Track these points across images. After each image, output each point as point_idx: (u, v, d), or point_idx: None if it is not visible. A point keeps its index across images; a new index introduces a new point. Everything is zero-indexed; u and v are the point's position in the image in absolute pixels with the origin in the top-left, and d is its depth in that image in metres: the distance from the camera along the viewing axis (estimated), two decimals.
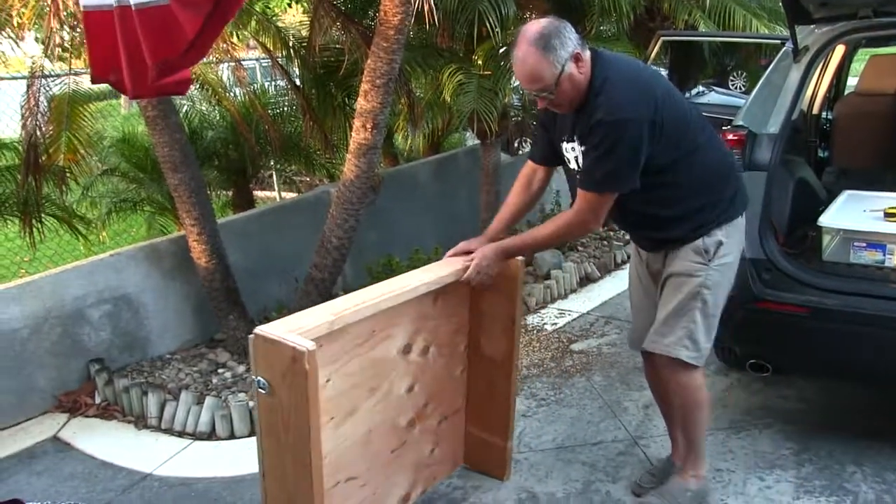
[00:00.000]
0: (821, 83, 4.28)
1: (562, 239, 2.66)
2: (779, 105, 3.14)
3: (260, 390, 2.19)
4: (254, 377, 2.21)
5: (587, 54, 2.37)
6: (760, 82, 3.31)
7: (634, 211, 2.57)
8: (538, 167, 2.76)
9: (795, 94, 3.15)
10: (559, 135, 2.57)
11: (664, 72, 6.65)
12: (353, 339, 2.42)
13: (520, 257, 2.74)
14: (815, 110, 4.38)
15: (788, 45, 3.25)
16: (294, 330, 2.13)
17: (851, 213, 3.20)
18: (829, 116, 4.48)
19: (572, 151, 2.52)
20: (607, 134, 2.32)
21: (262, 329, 2.16)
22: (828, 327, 2.86)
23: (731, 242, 2.56)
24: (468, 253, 2.72)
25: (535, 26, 2.33)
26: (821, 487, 2.88)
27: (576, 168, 2.56)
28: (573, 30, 2.35)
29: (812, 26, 3.30)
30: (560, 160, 2.65)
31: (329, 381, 2.36)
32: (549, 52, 2.29)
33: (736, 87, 11.30)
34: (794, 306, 2.90)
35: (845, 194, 3.42)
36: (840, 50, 4.22)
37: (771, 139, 3.05)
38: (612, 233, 6.19)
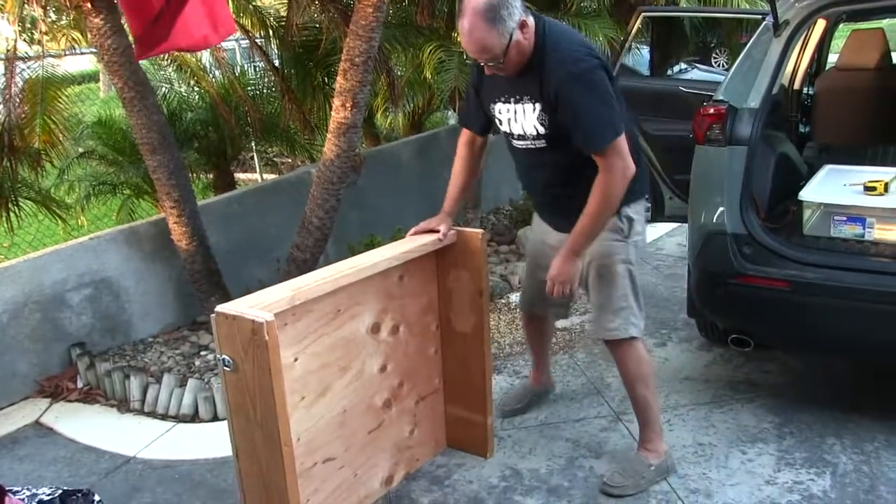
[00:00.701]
0: (802, 58, 4.28)
1: (611, 202, 2.48)
2: (759, 79, 3.12)
3: (225, 368, 2.21)
4: (218, 356, 2.22)
5: (531, 20, 2.42)
6: (741, 56, 3.29)
7: (551, 190, 2.67)
8: (476, 136, 2.84)
9: (776, 69, 3.14)
10: (491, 96, 2.62)
11: (645, 49, 6.62)
12: (318, 317, 2.43)
13: (479, 229, 2.83)
14: (796, 85, 4.39)
15: (769, 19, 3.24)
16: (254, 305, 2.16)
17: (832, 187, 3.20)
18: (810, 92, 4.49)
19: (507, 112, 2.58)
20: (581, 84, 2.37)
21: (222, 307, 2.19)
22: (808, 301, 2.88)
23: (639, 220, 2.69)
24: (430, 231, 2.74)
25: None
26: (801, 459, 2.91)
27: (508, 130, 2.63)
28: None
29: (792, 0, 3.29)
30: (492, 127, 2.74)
31: (297, 360, 2.37)
32: (497, 24, 2.31)
33: (718, 65, 11.29)
34: (774, 280, 2.91)
35: (826, 169, 3.43)
36: (821, 24, 4.22)
37: (751, 114, 3.04)
38: None
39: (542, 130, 2.52)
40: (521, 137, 2.60)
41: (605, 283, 2.68)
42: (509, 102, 2.57)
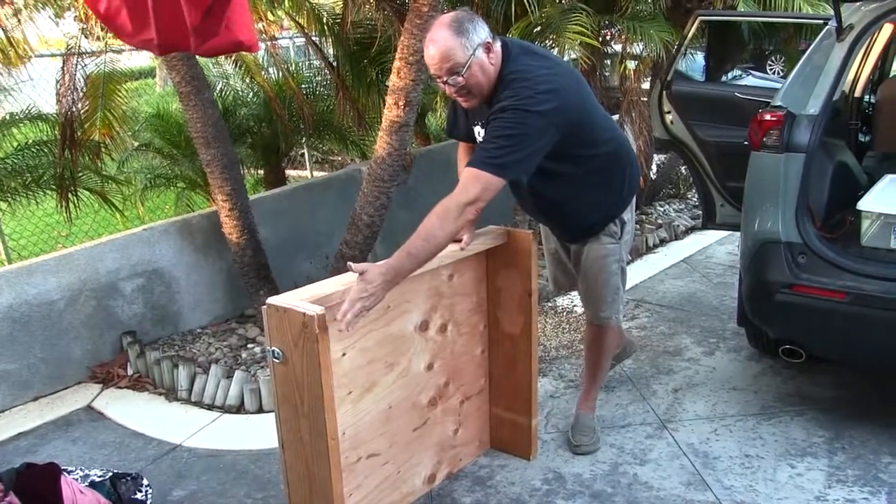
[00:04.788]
0: (865, 64, 4.15)
1: (444, 229, 2.40)
2: (819, 85, 3.05)
3: (274, 360, 2.24)
4: (268, 348, 2.24)
5: (498, 46, 2.47)
6: (801, 62, 3.22)
7: (538, 199, 2.84)
8: (471, 144, 2.87)
9: (837, 75, 3.06)
10: (473, 118, 2.71)
11: (700, 55, 6.50)
12: (368, 313, 2.42)
13: (529, 230, 2.87)
14: (858, 92, 4.26)
15: (832, 23, 3.16)
16: (305, 298, 2.19)
17: (893, 197, 3.11)
18: (872, 100, 4.36)
19: (479, 137, 2.67)
20: (508, 116, 2.39)
21: (273, 299, 2.21)
22: (865, 313, 2.80)
23: (630, 218, 2.95)
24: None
25: (449, 14, 2.45)
26: (854, 477, 2.83)
27: None
28: (485, 23, 2.46)
29: (858, 3, 3.20)
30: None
31: (345, 354, 2.39)
32: (461, 35, 2.39)
33: (774, 72, 11.03)
34: (830, 291, 2.84)
35: (887, 178, 3.33)
36: (888, 29, 4.09)
37: (810, 120, 2.97)
38: (644, 216, 6.13)
39: None
40: None
41: (601, 279, 2.94)
42: (480, 126, 2.66)
